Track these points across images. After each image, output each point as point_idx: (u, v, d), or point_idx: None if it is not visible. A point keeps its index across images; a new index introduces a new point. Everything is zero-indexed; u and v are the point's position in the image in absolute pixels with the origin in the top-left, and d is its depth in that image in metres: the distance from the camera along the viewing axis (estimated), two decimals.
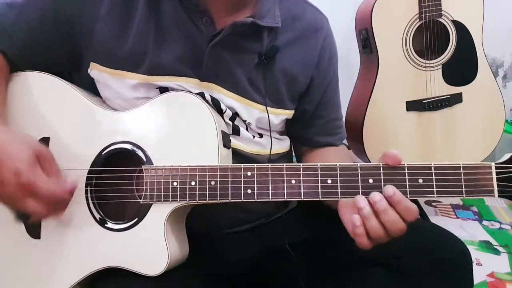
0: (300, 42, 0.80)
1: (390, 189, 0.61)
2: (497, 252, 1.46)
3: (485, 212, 1.70)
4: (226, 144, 0.71)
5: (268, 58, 0.76)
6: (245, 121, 0.79)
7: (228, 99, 0.77)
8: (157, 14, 0.73)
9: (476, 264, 1.36)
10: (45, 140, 0.74)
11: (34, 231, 0.73)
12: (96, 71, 0.76)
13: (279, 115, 0.82)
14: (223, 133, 0.71)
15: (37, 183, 0.62)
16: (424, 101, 1.55)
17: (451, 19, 1.52)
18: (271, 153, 0.82)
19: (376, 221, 0.62)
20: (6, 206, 0.66)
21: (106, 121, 0.74)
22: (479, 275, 0.74)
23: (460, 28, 1.52)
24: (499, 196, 0.60)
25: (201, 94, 0.74)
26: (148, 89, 0.75)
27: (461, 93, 1.57)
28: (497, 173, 0.60)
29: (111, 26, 0.73)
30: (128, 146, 0.71)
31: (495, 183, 0.60)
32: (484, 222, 1.64)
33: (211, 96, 0.75)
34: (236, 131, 0.78)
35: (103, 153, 0.72)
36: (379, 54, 1.52)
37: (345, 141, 1.00)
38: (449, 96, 1.56)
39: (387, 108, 1.54)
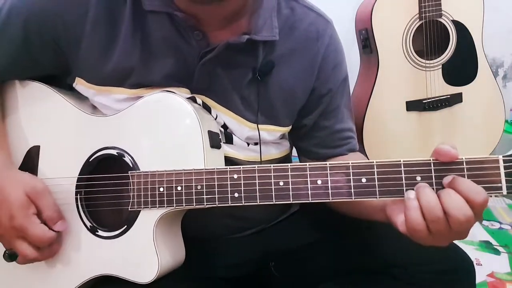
0: (299, 53, 0.75)
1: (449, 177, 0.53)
2: (497, 252, 1.46)
3: (485, 212, 1.69)
4: (215, 144, 0.68)
5: (262, 75, 0.72)
6: (235, 135, 0.75)
7: (220, 113, 0.73)
8: (143, 28, 0.70)
9: (476, 264, 1.35)
10: (36, 149, 0.74)
11: None
12: (82, 86, 0.74)
13: (273, 132, 0.77)
14: (211, 133, 0.68)
15: (28, 228, 0.66)
16: (424, 101, 1.55)
17: (451, 19, 1.52)
18: (265, 159, 0.79)
19: (434, 196, 0.53)
20: (1, 242, 0.70)
21: (93, 127, 0.73)
22: (479, 275, 0.74)
23: (460, 28, 1.52)
24: (507, 193, 0.53)
25: (192, 98, 0.72)
26: (137, 100, 0.72)
27: (461, 93, 1.57)
28: (505, 167, 0.52)
29: (96, 43, 0.70)
30: (114, 152, 0.70)
31: (503, 178, 0.52)
32: (484, 222, 1.64)
33: (202, 101, 0.73)
34: (229, 139, 0.75)
35: (90, 160, 0.71)
36: (379, 54, 1.52)
37: None
38: (449, 96, 1.56)
39: (387, 108, 1.54)
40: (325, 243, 0.81)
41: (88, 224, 0.70)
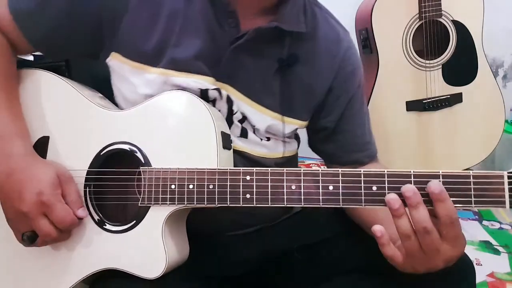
0: (320, 53, 0.79)
1: (436, 184, 0.56)
2: (497, 252, 1.46)
3: (485, 212, 1.71)
4: (227, 145, 0.70)
5: (286, 67, 0.75)
6: (254, 126, 0.77)
7: (241, 102, 0.75)
8: (186, 6, 0.72)
9: (476, 264, 1.35)
10: (45, 140, 0.74)
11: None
12: (116, 61, 0.74)
13: (291, 124, 0.80)
14: (223, 134, 0.70)
15: (55, 205, 0.66)
16: (424, 101, 1.55)
17: (451, 19, 1.52)
18: (273, 157, 0.80)
19: (407, 221, 0.57)
20: (15, 225, 0.68)
21: (105, 121, 0.73)
22: (479, 275, 0.74)
23: (460, 28, 1.53)
24: (510, 207, 0.56)
25: (218, 90, 0.73)
26: (163, 86, 0.73)
27: (461, 93, 1.58)
28: (509, 183, 0.55)
29: (140, 18, 0.72)
30: (126, 147, 0.70)
31: (507, 193, 0.55)
32: (484, 222, 1.64)
33: (227, 94, 0.75)
34: (244, 134, 0.77)
35: (101, 154, 0.72)
36: (379, 54, 1.52)
37: None
38: (449, 96, 1.56)
39: (387, 108, 1.54)
40: (327, 243, 0.82)
41: (96, 217, 0.71)
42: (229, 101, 0.75)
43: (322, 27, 0.79)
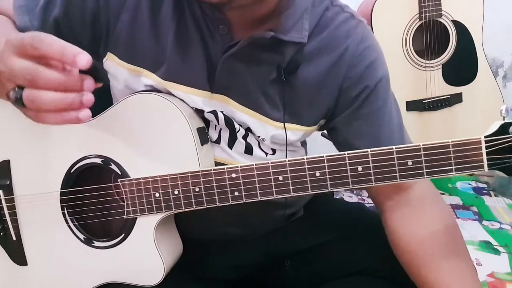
0: (326, 52, 0.71)
1: None
2: (497, 252, 1.45)
3: (485, 212, 1.70)
4: (204, 141, 0.67)
5: (288, 73, 0.70)
6: (259, 137, 0.72)
7: (241, 113, 0.71)
8: (180, 15, 0.68)
9: (476, 264, 1.35)
10: (5, 164, 0.70)
11: (19, 258, 0.70)
12: (112, 62, 0.71)
13: (296, 131, 0.74)
14: (199, 130, 0.67)
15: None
16: (424, 101, 1.55)
17: (451, 19, 1.52)
18: None
19: None
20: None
21: (71, 135, 0.68)
22: (479, 275, 0.74)
23: (460, 28, 1.52)
24: (488, 169, 0.59)
25: (214, 113, 0.70)
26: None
27: (461, 93, 1.57)
28: (486, 147, 0.58)
29: (135, 19, 0.68)
30: (99, 160, 0.67)
31: (485, 157, 0.58)
32: (484, 222, 1.64)
33: (224, 114, 0.70)
34: (249, 150, 0.73)
35: (72, 171, 0.68)
36: None
37: None
38: (449, 96, 1.56)
39: None
40: (327, 247, 0.82)
41: (82, 236, 0.69)
42: (228, 120, 0.71)
43: (332, 23, 0.72)
